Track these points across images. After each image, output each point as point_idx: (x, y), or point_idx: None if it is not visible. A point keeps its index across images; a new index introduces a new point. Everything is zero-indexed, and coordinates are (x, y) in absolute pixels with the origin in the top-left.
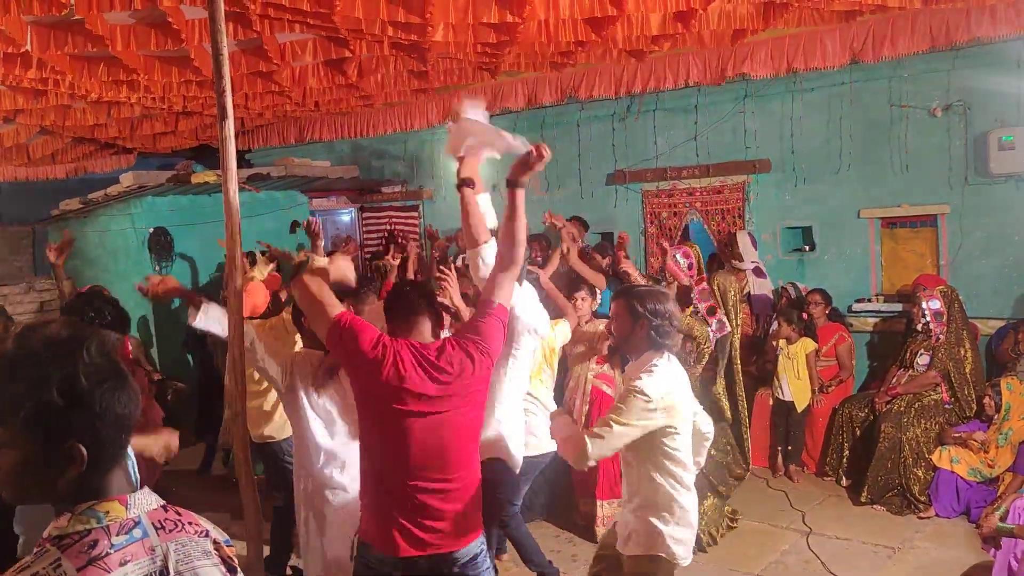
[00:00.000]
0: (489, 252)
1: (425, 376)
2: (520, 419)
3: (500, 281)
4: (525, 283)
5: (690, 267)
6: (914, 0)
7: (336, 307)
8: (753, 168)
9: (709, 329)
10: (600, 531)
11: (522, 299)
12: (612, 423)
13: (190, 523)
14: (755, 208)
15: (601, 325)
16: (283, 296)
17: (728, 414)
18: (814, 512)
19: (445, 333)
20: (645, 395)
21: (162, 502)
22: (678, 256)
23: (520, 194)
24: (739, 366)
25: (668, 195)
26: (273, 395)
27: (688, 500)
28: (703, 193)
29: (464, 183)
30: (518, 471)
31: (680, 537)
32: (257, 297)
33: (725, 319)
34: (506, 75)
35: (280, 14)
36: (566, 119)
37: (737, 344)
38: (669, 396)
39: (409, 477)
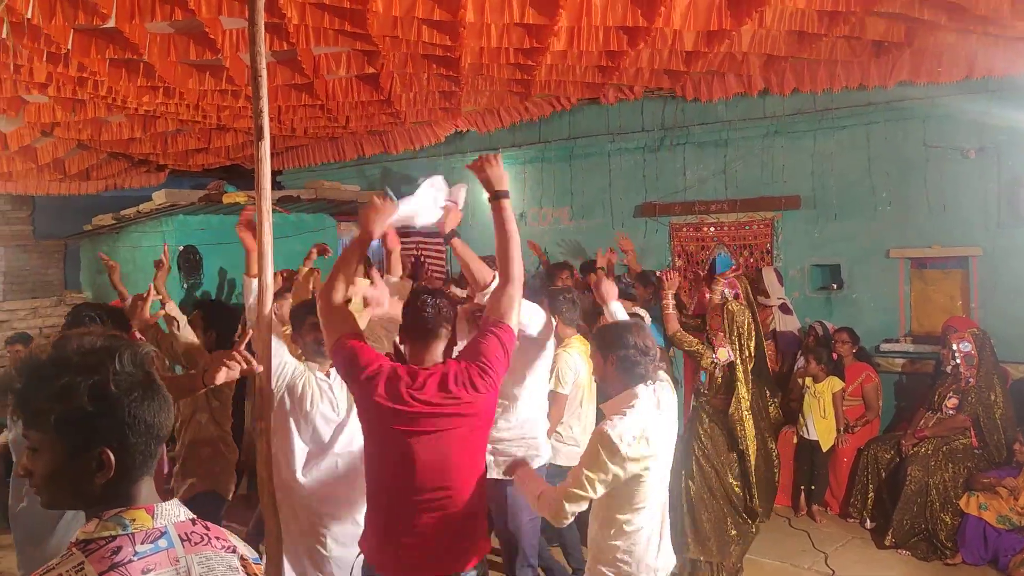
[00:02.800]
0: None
1: (418, 399)
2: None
3: (500, 299)
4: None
5: (736, 298)
6: (947, 36)
7: (345, 326)
8: (782, 204)
9: (714, 357)
10: None
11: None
12: (584, 477)
13: (217, 538)
14: (783, 244)
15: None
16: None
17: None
18: (837, 554)
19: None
20: (612, 444)
21: (191, 515)
22: (725, 290)
23: (503, 205)
24: (745, 400)
25: (696, 228)
26: None
27: (637, 545)
28: (731, 228)
29: (451, 235)
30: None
31: None
32: None
33: (728, 350)
34: (538, 97)
35: (318, 17)
36: (596, 150)
37: (741, 376)
38: (640, 441)
39: (408, 497)
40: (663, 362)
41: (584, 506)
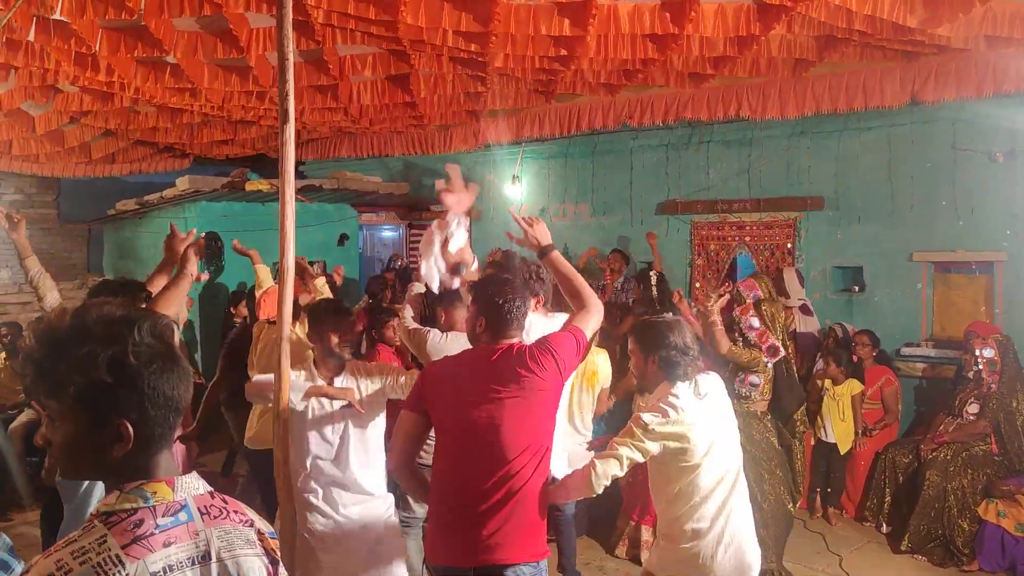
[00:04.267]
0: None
1: (485, 383)
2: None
3: (579, 316)
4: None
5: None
6: (979, 43)
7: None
8: (806, 205)
9: (769, 362)
10: (645, 555)
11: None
12: (616, 442)
13: (235, 512)
14: (805, 245)
15: None
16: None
17: (783, 441)
18: (852, 557)
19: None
20: (643, 421)
21: (209, 488)
22: (741, 289)
23: (553, 258)
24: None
25: (718, 227)
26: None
27: (702, 532)
28: (753, 227)
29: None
30: None
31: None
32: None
33: (778, 344)
34: (560, 99)
35: (344, 22)
36: (619, 147)
37: (795, 370)
38: (674, 422)
39: (472, 482)
40: (700, 360)
41: (615, 469)
